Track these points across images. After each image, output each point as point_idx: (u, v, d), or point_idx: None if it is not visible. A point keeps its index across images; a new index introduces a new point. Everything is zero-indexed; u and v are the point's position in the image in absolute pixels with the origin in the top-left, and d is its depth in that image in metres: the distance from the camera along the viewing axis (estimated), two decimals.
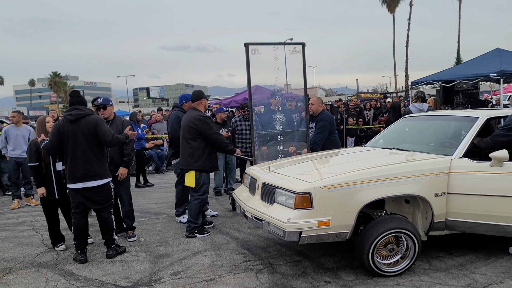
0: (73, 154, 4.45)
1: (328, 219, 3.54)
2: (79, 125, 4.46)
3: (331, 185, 3.57)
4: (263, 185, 4.15)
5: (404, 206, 4.12)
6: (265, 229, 3.82)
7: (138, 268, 4.30)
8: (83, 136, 4.45)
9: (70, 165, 4.47)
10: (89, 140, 4.47)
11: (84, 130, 4.45)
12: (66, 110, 4.63)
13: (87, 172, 4.46)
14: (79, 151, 4.44)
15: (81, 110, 4.51)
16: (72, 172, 4.46)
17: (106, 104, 5.24)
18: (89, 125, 4.47)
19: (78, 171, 4.44)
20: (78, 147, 4.44)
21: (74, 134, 4.44)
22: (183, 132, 5.40)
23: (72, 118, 4.45)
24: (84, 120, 4.48)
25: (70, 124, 4.46)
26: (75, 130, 4.44)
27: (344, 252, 4.38)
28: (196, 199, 5.33)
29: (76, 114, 4.47)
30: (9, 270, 4.42)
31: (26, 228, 6.15)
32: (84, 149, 4.45)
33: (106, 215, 4.67)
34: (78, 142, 4.44)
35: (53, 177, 4.88)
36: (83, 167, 4.44)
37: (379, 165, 3.94)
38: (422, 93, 8.59)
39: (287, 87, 6.53)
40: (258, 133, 6.13)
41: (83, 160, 4.45)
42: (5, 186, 9.00)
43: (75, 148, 4.44)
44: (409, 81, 34.23)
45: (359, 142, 12.36)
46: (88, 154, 4.47)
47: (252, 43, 5.80)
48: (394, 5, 41.39)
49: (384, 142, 5.20)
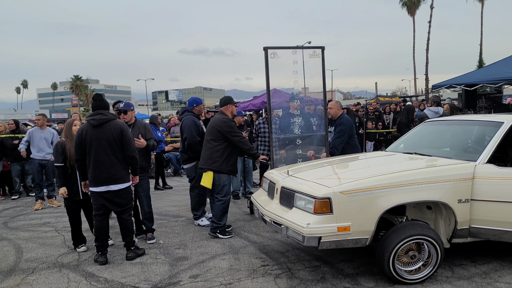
0: (96, 158, 4.51)
1: (348, 224, 3.50)
2: (103, 130, 4.52)
3: (351, 190, 3.53)
4: (282, 189, 4.14)
5: (426, 213, 4.04)
6: (284, 234, 3.81)
7: (157, 270, 4.34)
8: (107, 140, 4.51)
9: (93, 169, 4.53)
10: (113, 144, 4.52)
11: (108, 135, 4.51)
12: (89, 114, 4.70)
13: (110, 176, 4.51)
14: (102, 155, 4.50)
15: (105, 115, 4.57)
16: (94, 175, 4.53)
17: (127, 109, 5.33)
18: (114, 130, 4.53)
19: (101, 175, 4.50)
20: (101, 152, 4.50)
21: (97, 139, 4.50)
22: (206, 134, 5.50)
23: (96, 123, 4.52)
24: (108, 125, 4.54)
25: (94, 129, 4.52)
26: (98, 134, 4.51)
27: (363, 258, 4.33)
28: (219, 200, 5.39)
29: (100, 119, 4.53)
30: (33, 270, 4.51)
31: (49, 229, 6.28)
32: (107, 154, 4.51)
33: (127, 217, 4.73)
34: (101, 146, 4.50)
35: (78, 178, 4.96)
36: (106, 171, 4.50)
37: (400, 170, 3.89)
38: (438, 98, 8.67)
39: (305, 90, 6.51)
40: (276, 136, 6.12)
41: (106, 164, 4.50)
42: (29, 188, 9.21)
43: (98, 152, 4.50)
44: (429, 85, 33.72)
45: (379, 147, 12.22)
46: (111, 158, 4.53)
47: (271, 47, 5.80)
48: (414, 7, 40.89)
49: (405, 147, 5.13)
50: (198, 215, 6.11)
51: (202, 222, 6.03)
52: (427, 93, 32.18)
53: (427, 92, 32.32)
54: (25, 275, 4.38)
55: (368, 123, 12.38)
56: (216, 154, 5.33)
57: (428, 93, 31.20)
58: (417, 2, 40.83)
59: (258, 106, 14.04)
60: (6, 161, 9.25)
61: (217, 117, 5.56)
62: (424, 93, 34.32)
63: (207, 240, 5.29)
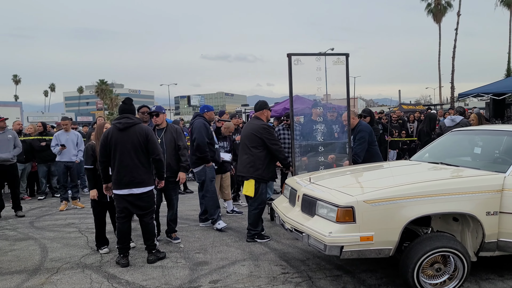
0: (120, 161, 4.57)
1: (371, 234, 3.44)
2: (128, 133, 4.59)
3: (375, 199, 3.48)
4: (303, 196, 4.10)
5: (452, 224, 3.94)
6: (305, 242, 3.77)
7: (178, 274, 4.36)
8: (132, 144, 4.57)
9: (117, 172, 4.60)
10: (137, 148, 4.59)
11: (133, 138, 4.58)
12: (115, 118, 4.78)
13: (133, 179, 4.57)
14: (126, 159, 4.57)
15: (131, 119, 4.65)
16: (118, 178, 4.59)
17: (159, 112, 5.43)
18: (140, 134, 4.60)
19: (125, 178, 4.56)
20: (125, 155, 4.57)
21: (122, 142, 4.57)
22: (244, 140, 5.49)
23: (122, 127, 4.59)
24: (133, 128, 4.62)
25: (119, 132, 4.60)
26: (123, 138, 4.58)
27: (386, 269, 4.24)
28: (256, 208, 5.42)
29: (126, 122, 4.61)
30: (57, 270, 4.60)
31: (73, 230, 6.40)
32: (131, 157, 4.57)
33: (149, 220, 4.77)
34: (125, 149, 4.57)
35: None
36: (129, 174, 4.56)
37: (425, 180, 3.81)
38: (462, 108, 8.57)
39: (327, 97, 6.47)
40: (298, 143, 6.10)
41: (129, 167, 4.56)
42: (55, 189, 9.43)
43: (122, 156, 4.57)
44: (455, 93, 33.03)
45: (402, 155, 12.01)
46: (135, 162, 4.59)
47: (295, 53, 5.80)
48: (440, 15, 40.24)
49: (430, 156, 5.02)
50: (215, 219, 6.10)
51: (219, 225, 6.04)
52: (452, 102, 31.54)
53: (453, 101, 31.67)
54: (49, 274, 4.47)
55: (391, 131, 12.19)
56: (258, 162, 5.34)
57: (454, 101, 30.58)
58: (443, 9, 40.18)
59: (279, 112, 14.00)
60: (34, 162, 9.51)
61: (254, 123, 5.52)
62: (450, 101, 33.62)
63: (227, 246, 5.29)
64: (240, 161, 5.59)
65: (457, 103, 24.50)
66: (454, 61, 34.77)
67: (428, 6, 40.83)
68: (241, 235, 5.71)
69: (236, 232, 5.92)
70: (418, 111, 14.80)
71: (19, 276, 4.42)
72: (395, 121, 12.69)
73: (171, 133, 5.42)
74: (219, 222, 6.07)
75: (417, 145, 11.58)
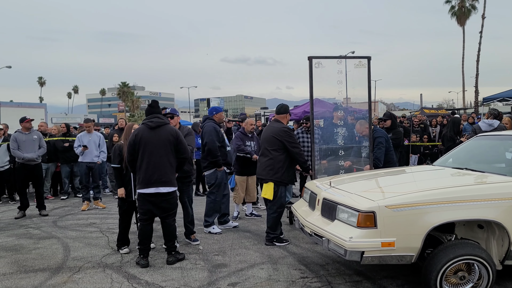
0: (148, 160, 4.62)
1: (392, 240, 3.38)
2: (159, 132, 4.66)
3: (397, 204, 3.42)
4: (323, 200, 4.07)
5: (476, 232, 3.83)
6: (324, 246, 3.73)
7: (197, 276, 4.37)
8: (162, 143, 4.64)
9: (145, 170, 4.63)
10: (167, 147, 4.65)
11: (163, 137, 4.65)
12: (146, 118, 4.84)
13: (160, 177, 4.61)
14: (155, 157, 4.62)
15: (161, 119, 4.75)
16: (146, 176, 4.63)
17: (173, 114, 5.50)
18: (170, 134, 4.68)
19: (153, 176, 4.60)
20: (155, 153, 4.62)
21: (152, 141, 4.63)
22: (264, 143, 5.49)
23: (153, 125, 4.66)
24: (164, 128, 4.70)
25: (150, 131, 4.66)
26: (154, 137, 4.64)
27: (408, 276, 4.16)
28: (275, 212, 5.41)
29: (157, 121, 4.69)
30: (79, 268, 4.67)
31: (94, 229, 6.50)
32: (161, 156, 4.63)
33: (171, 222, 4.81)
34: (155, 148, 4.62)
35: (131, 179, 5.11)
36: (158, 173, 4.61)
37: (449, 186, 3.72)
38: (496, 111, 8.07)
39: (347, 100, 6.42)
40: (318, 146, 6.06)
41: (158, 166, 4.62)
42: (77, 189, 9.61)
43: (151, 154, 4.62)
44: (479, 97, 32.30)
45: (423, 160, 11.80)
46: (164, 160, 4.64)
47: (316, 56, 5.78)
48: (464, 17, 39.50)
49: (454, 162, 4.91)
50: (210, 223, 6.11)
51: (214, 229, 6.04)
52: (476, 106, 30.85)
53: (476, 105, 30.98)
54: (71, 273, 4.54)
55: (412, 135, 12.00)
56: (278, 165, 5.32)
57: (478, 106, 29.91)
58: (467, 11, 39.45)
59: (299, 115, 13.94)
60: (58, 162, 9.72)
61: (275, 126, 5.50)
62: (473, 106, 32.89)
63: (246, 249, 5.28)
64: (259, 164, 5.58)
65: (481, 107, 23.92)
66: (478, 65, 34.05)
67: (451, 9, 40.16)
68: (260, 238, 5.70)
69: (255, 235, 5.92)
70: (441, 115, 14.52)
71: (43, 274, 4.52)
72: (417, 125, 12.48)
73: (182, 134, 5.49)
74: (213, 227, 6.08)
75: (440, 150, 11.36)
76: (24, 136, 7.60)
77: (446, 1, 40.36)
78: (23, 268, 4.74)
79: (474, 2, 39.28)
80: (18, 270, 4.66)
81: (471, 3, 39.45)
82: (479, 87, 33.88)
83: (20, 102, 44.96)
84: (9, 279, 4.39)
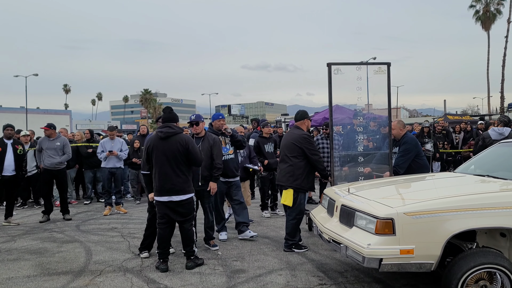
0: (160, 169, 4.71)
1: (411, 247, 3.34)
2: (169, 142, 4.72)
3: (416, 211, 3.38)
4: (342, 207, 4.05)
5: (499, 240, 3.74)
6: (343, 253, 3.72)
7: (215, 281, 4.40)
8: (172, 153, 4.70)
9: (158, 179, 4.73)
10: (177, 157, 4.71)
11: (174, 147, 4.70)
12: (158, 127, 4.94)
13: (172, 187, 4.69)
14: (167, 167, 4.69)
15: (172, 129, 4.77)
16: (159, 185, 4.73)
17: (198, 121, 5.57)
18: (181, 143, 4.71)
19: (165, 185, 4.69)
20: (166, 163, 4.70)
21: (162, 151, 4.71)
22: (284, 150, 5.51)
23: (163, 136, 4.73)
24: (175, 138, 4.74)
25: (160, 141, 4.74)
26: (164, 146, 4.72)
27: (427, 284, 4.10)
28: (294, 218, 5.40)
29: (167, 132, 4.74)
30: (100, 272, 4.77)
31: (115, 234, 6.62)
32: (172, 165, 4.69)
33: (188, 227, 4.87)
34: (166, 158, 4.69)
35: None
36: (169, 182, 4.68)
37: (471, 193, 3.66)
38: (507, 118, 7.96)
39: (368, 107, 6.37)
40: (338, 153, 6.03)
41: (169, 175, 4.69)
42: (99, 194, 9.81)
43: (162, 164, 4.71)
44: (504, 103, 31.52)
45: (446, 167, 11.56)
46: (175, 170, 4.70)
47: (335, 63, 5.77)
48: (489, 22, 38.71)
49: (476, 169, 4.82)
50: (217, 229, 6.08)
51: (221, 236, 6.05)
52: (502, 112, 30.14)
53: (502, 111, 30.27)
54: (93, 276, 4.64)
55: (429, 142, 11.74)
56: (298, 172, 5.31)
57: (503, 112, 29.21)
58: (492, 16, 38.67)
59: (319, 122, 13.91)
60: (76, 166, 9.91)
61: (295, 133, 5.50)
62: (499, 112, 32.11)
63: (265, 255, 5.29)
64: (279, 170, 5.59)
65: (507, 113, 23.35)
66: (504, 70, 33.31)
67: (476, 14, 39.45)
68: (278, 245, 5.70)
69: (273, 241, 5.92)
70: (464, 122, 14.22)
71: (65, 277, 4.63)
72: (439, 132, 12.23)
73: (208, 142, 5.52)
74: (221, 233, 6.09)
75: (463, 157, 11.11)
76: (48, 142, 7.82)
77: (471, 5, 39.69)
78: (46, 270, 4.87)
79: (500, 6, 38.53)
80: (42, 273, 4.79)
81: (496, 8, 38.70)
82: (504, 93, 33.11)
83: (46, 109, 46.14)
84: (33, 281, 4.52)
